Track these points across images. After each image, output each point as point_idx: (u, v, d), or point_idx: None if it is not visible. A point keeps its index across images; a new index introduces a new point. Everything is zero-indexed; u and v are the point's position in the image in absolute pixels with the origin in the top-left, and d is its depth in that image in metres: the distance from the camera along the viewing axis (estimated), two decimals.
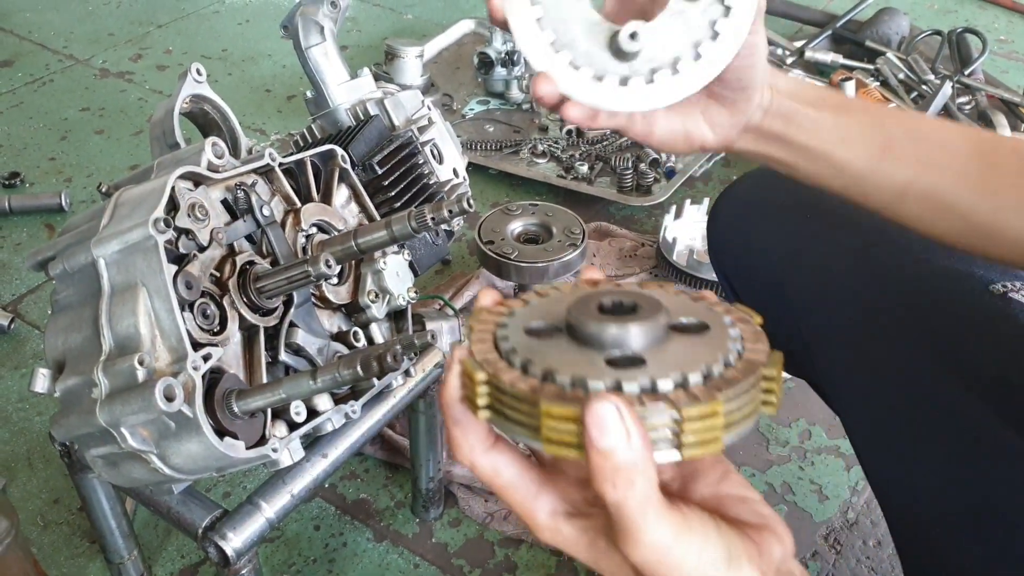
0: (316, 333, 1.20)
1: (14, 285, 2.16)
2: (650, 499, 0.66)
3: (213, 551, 1.18)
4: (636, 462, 0.64)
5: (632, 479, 0.64)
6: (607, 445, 0.64)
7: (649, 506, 0.66)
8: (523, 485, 0.74)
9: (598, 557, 0.72)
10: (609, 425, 0.64)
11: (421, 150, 1.57)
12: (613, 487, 0.64)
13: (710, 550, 0.69)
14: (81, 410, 1.04)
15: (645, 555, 0.66)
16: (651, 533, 0.66)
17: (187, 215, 1.06)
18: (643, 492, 0.65)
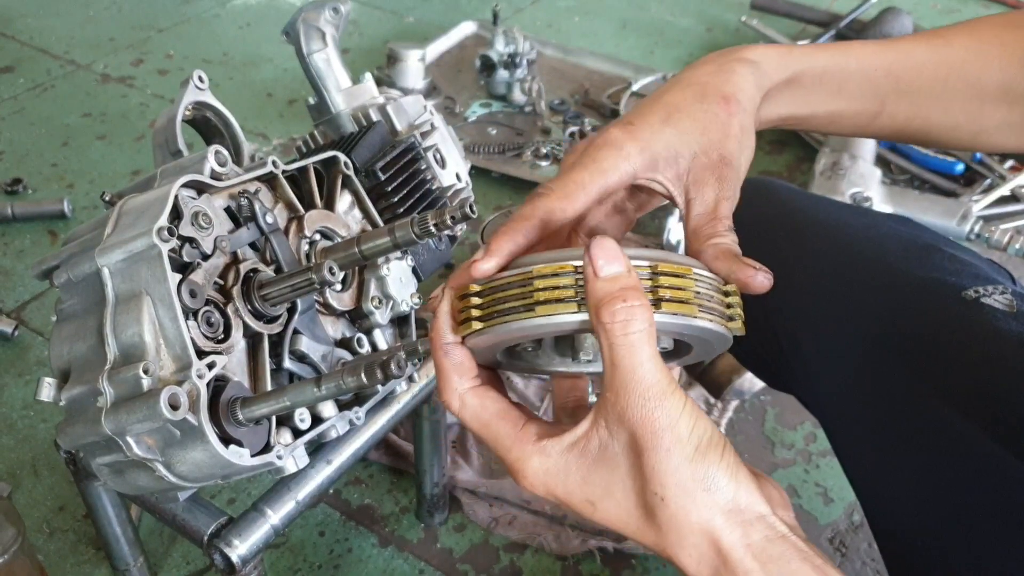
0: (320, 340, 1.20)
1: (18, 292, 2.16)
2: (649, 335, 0.69)
3: (218, 558, 1.18)
4: (635, 287, 0.69)
5: (634, 310, 0.68)
6: (610, 272, 0.69)
7: (648, 343, 0.69)
8: (510, 417, 0.77)
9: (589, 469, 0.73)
10: (612, 253, 0.70)
11: (424, 155, 1.57)
12: (621, 315, 0.68)
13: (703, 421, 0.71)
14: (86, 419, 1.04)
15: (643, 395, 0.69)
16: (648, 372, 0.69)
17: (191, 223, 1.06)
18: (644, 326, 0.69)
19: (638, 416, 0.69)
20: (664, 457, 0.69)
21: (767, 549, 0.69)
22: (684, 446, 0.69)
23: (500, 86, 2.78)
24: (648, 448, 0.69)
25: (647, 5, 3.47)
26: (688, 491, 0.69)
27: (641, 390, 0.69)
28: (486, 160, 2.52)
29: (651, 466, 0.69)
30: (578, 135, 2.60)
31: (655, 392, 0.69)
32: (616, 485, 0.72)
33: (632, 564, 1.60)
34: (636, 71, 2.88)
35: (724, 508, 0.69)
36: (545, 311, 0.72)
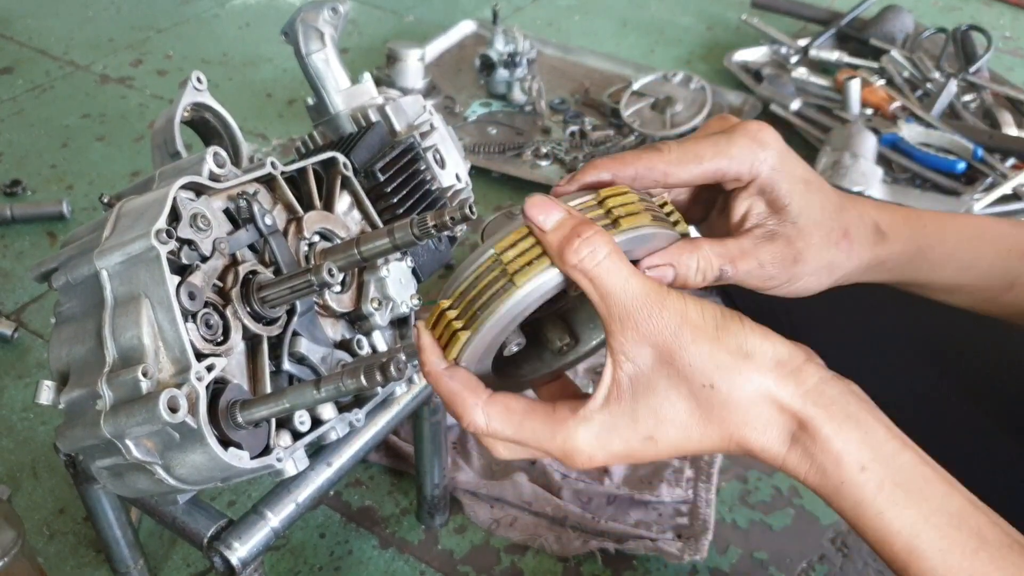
0: (319, 342, 1.20)
1: (17, 294, 2.15)
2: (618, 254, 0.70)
3: (218, 560, 1.18)
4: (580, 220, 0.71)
5: (592, 239, 0.70)
6: (553, 221, 0.72)
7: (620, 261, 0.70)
8: (539, 409, 0.75)
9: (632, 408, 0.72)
10: (547, 205, 0.73)
11: (423, 156, 1.56)
12: (584, 250, 0.69)
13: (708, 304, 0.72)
14: (85, 422, 1.04)
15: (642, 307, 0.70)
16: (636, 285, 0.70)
17: (189, 225, 1.06)
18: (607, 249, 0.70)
19: (649, 328, 0.69)
20: (694, 349, 0.69)
21: (824, 391, 0.70)
22: (705, 330, 0.69)
23: (500, 85, 2.77)
24: (675, 350, 0.69)
25: (647, 4, 3.47)
26: (730, 366, 0.69)
27: (638, 304, 0.69)
28: (486, 160, 2.51)
29: (686, 363, 0.69)
30: (578, 134, 2.60)
31: (652, 299, 0.70)
32: (663, 406, 0.71)
33: (633, 565, 1.59)
34: (636, 70, 2.88)
35: (770, 366, 0.70)
36: (524, 278, 0.72)
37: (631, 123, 2.59)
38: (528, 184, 2.44)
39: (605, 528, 1.60)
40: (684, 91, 2.71)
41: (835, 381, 0.71)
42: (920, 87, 2.71)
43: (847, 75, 2.70)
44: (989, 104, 2.66)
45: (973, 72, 2.72)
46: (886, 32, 2.93)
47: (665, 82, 2.76)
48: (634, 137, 2.56)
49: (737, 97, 2.75)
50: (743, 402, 0.69)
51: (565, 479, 1.68)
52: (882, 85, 2.68)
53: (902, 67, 2.77)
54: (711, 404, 0.70)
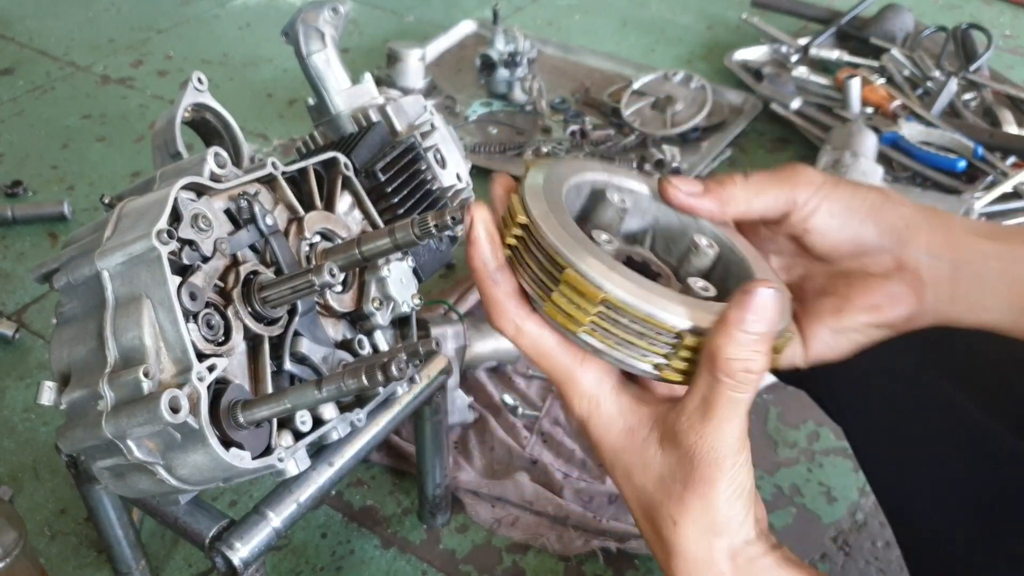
0: (321, 342, 1.20)
1: (18, 295, 2.16)
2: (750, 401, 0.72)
3: (220, 561, 1.18)
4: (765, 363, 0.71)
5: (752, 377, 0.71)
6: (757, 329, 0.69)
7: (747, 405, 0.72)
8: (568, 351, 0.74)
9: (625, 446, 0.74)
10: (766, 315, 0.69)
11: (424, 156, 1.57)
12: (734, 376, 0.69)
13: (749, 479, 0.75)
14: (87, 422, 1.04)
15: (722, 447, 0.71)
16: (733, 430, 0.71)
17: (190, 226, 1.06)
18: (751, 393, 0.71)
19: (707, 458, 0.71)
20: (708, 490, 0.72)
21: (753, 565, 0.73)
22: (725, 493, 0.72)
23: (500, 85, 2.77)
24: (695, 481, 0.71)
25: (647, 3, 3.47)
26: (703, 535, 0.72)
27: (723, 444, 0.71)
28: (487, 159, 2.51)
29: (681, 497, 0.72)
30: (579, 134, 2.60)
31: (733, 449, 0.71)
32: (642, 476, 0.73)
33: (635, 565, 1.59)
34: (637, 69, 2.88)
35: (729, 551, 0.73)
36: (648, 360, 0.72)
37: (631, 122, 2.59)
38: None
39: (607, 527, 1.60)
40: (684, 90, 2.71)
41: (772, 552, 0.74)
42: (920, 85, 2.71)
43: (847, 74, 2.71)
44: (989, 102, 2.66)
45: (973, 70, 2.72)
46: (886, 31, 2.93)
47: (665, 81, 2.76)
48: (634, 136, 2.56)
49: (737, 96, 2.75)
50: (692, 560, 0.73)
51: (567, 478, 1.68)
52: (882, 84, 2.68)
53: (902, 66, 2.77)
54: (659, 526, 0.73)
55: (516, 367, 1.91)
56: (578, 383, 0.75)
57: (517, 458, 1.72)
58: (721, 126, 2.64)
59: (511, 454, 1.73)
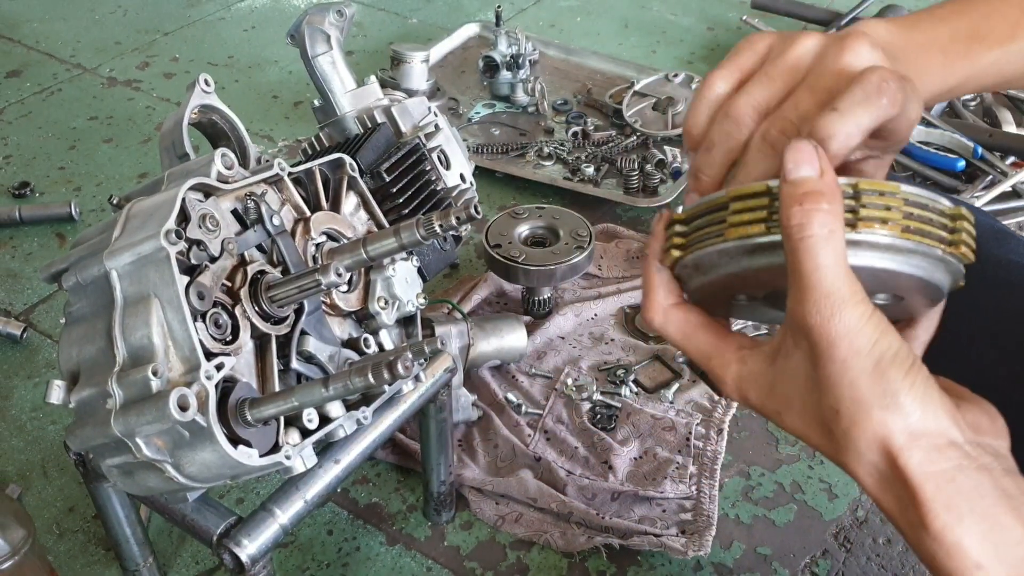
0: (327, 340, 1.21)
1: (26, 295, 2.17)
2: (830, 239, 0.66)
3: (228, 558, 1.19)
4: (826, 188, 0.66)
5: (811, 213, 0.66)
6: (801, 174, 0.67)
7: (828, 247, 0.66)
8: (713, 328, 0.78)
9: (776, 379, 0.73)
10: (805, 156, 0.67)
11: (428, 157, 1.58)
12: (800, 217, 0.66)
13: (890, 336, 0.68)
14: (96, 421, 1.05)
15: (819, 302, 0.66)
16: (825, 278, 0.66)
17: (198, 226, 1.07)
18: (829, 221, 0.66)
19: (815, 324, 0.67)
20: (839, 369, 0.67)
21: (957, 479, 0.65)
22: (862, 359, 0.66)
23: (503, 87, 2.79)
24: (824, 358, 0.67)
25: (649, 4, 3.48)
26: (863, 407, 0.67)
27: (816, 296, 0.67)
28: (490, 160, 2.53)
29: (826, 377, 0.68)
30: (581, 135, 2.61)
31: (834, 300, 0.66)
32: (796, 397, 0.71)
33: (638, 561, 1.61)
34: (638, 71, 2.89)
35: (905, 429, 0.66)
36: (735, 234, 0.71)
37: (633, 123, 2.60)
38: (531, 184, 2.46)
39: (610, 524, 1.61)
40: (686, 91, 2.72)
41: (977, 472, 0.66)
42: None
43: None
44: (989, 102, 2.66)
45: None
46: None
47: (667, 82, 2.77)
48: (636, 137, 2.58)
49: None
50: (861, 444, 0.67)
51: (570, 476, 1.70)
52: None
53: None
54: (831, 427, 0.69)
55: (519, 366, 1.93)
56: (724, 352, 0.76)
57: (521, 456, 1.74)
58: None
59: (515, 452, 1.74)
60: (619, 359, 1.95)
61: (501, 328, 1.86)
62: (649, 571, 1.60)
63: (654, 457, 1.74)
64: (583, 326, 2.04)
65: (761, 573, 1.59)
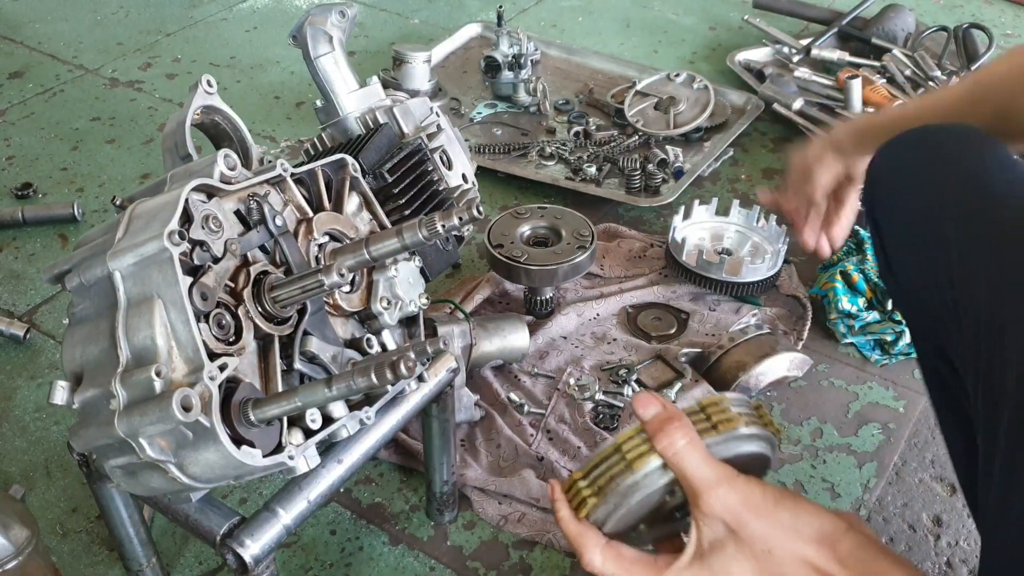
0: (330, 341, 1.22)
1: (29, 296, 2.18)
2: (694, 439, 0.89)
3: (231, 558, 1.19)
4: (673, 414, 0.90)
5: (673, 431, 0.88)
6: (650, 413, 0.91)
7: (693, 452, 0.88)
8: (645, 559, 0.94)
9: (708, 565, 0.89)
10: (646, 401, 0.92)
11: (430, 157, 1.58)
12: (664, 440, 0.89)
13: (768, 485, 0.90)
14: (99, 421, 1.05)
15: (710, 488, 0.87)
16: (704, 465, 0.87)
17: (201, 227, 1.08)
18: (686, 433, 0.89)
19: (719, 505, 0.87)
20: (755, 523, 0.87)
21: (856, 554, 0.86)
22: (764, 507, 0.87)
23: (505, 87, 2.79)
24: (740, 523, 0.87)
25: (650, 4, 3.48)
26: (782, 537, 0.86)
27: (707, 486, 0.87)
28: (492, 160, 2.53)
29: (749, 534, 0.87)
30: (583, 134, 2.61)
31: (718, 482, 0.87)
32: (732, 565, 0.88)
33: None
34: (640, 70, 2.89)
35: (813, 538, 0.87)
36: (638, 464, 0.91)
37: (635, 123, 2.60)
38: (533, 184, 2.46)
39: None
40: (687, 91, 2.72)
41: (868, 546, 0.87)
42: (922, 85, 2.72)
43: (849, 74, 2.72)
44: None
45: (974, 70, 2.73)
46: (888, 31, 2.94)
47: (668, 82, 2.77)
48: (637, 137, 2.58)
49: (740, 97, 2.76)
50: (791, 565, 0.86)
51: None
52: (884, 84, 2.70)
53: (904, 65, 2.78)
54: (769, 565, 0.87)
55: (522, 366, 1.93)
56: (662, 572, 0.91)
57: (523, 455, 1.74)
58: (724, 126, 2.65)
59: (517, 452, 1.75)
60: (621, 359, 1.95)
61: (503, 328, 1.87)
62: None
63: None
64: (585, 326, 2.04)
65: None
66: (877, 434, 1.82)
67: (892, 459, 1.77)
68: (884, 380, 1.92)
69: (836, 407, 1.87)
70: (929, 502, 1.69)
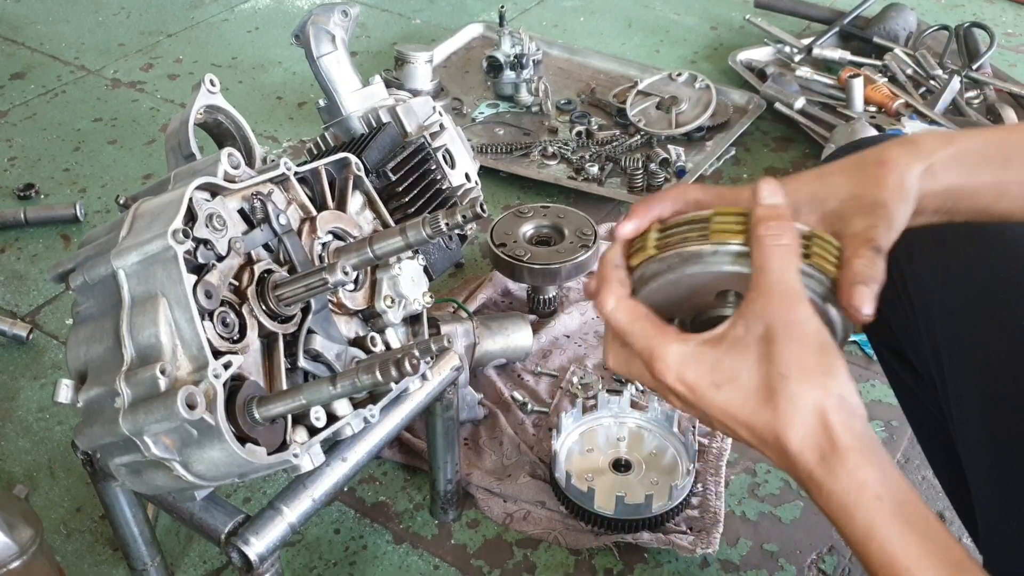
0: (334, 339, 1.22)
1: (32, 296, 2.18)
2: (794, 250, 0.84)
3: (236, 556, 1.20)
4: (789, 214, 0.85)
5: (784, 227, 0.84)
6: (773, 200, 0.86)
7: (793, 256, 0.84)
8: (656, 319, 0.89)
9: (720, 358, 0.85)
10: (774, 188, 0.87)
11: (433, 156, 1.59)
12: (771, 229, 0.84)
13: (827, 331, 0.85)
14: (104, 420, 1.06)
15: (784, 294, 0.83)
16: (786, 273, 0.83)
17: (205, 225, 1.08)
18: (791, 238, 0.84)
19: (778, 311, 0.82)
20: (796, 345, 0.82)
21: (864, 435, 0.82)
22: (812, 339, 0.82)
23: (507, 87, 2.79)
24: (782, 337, 0.82)
25: (652, 4, 3.48)
26: (810, 373, 0.81)
27: (783, 290, 0.83)
28: (494, 160, 2.53)
29: (781, 351, 0.82)
30: (585, 134, 2.62)
31: (795, 295, 0.83)
32: (742, 371, 0.83)
33: (645, 558, 1.61)
34: (642, 70, 2.89)
35: (837, 394, 0.82)
36: (716, 236, 0.87)
37: (637, 122, 2.61)
38: (536, 183, 2.46)
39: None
40: (689, 90, 2.72)
41: (871, 431, 0.83)
42: (923, 84, 2.72)
43: (850, 73, 2.72)
44: (992, 100, 2.67)
45: (976, 69, 2.73)
46: (889, 30, 2.94)
47: (670, 82, 2.77)
48: (639, 136, 2.58)
49: (742, 96, 2.76)
50: (800, 403, 0.81)
51: None
52: (885, 83, 2.69)
53: (905, 65, 2.78)
54: (777, 391, 0.82)
55: (525, 365, 1.93)
56: (666, 335, 0.87)
57: (526, 454, 1.74)
58: (725, 125, 2.65)
59: (520, 450, 1.75)
60: None
61: (507, 327, 1.87)
62: (656, 568, 1.60)
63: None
64: (588, 325, 2.04)
65: (768, 570, 1.60)
66: (880, 432, 1.82)
67: (895, 456, 1.77)
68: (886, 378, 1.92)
69: None
70: (932, 499, 1.69)
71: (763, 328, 0.82)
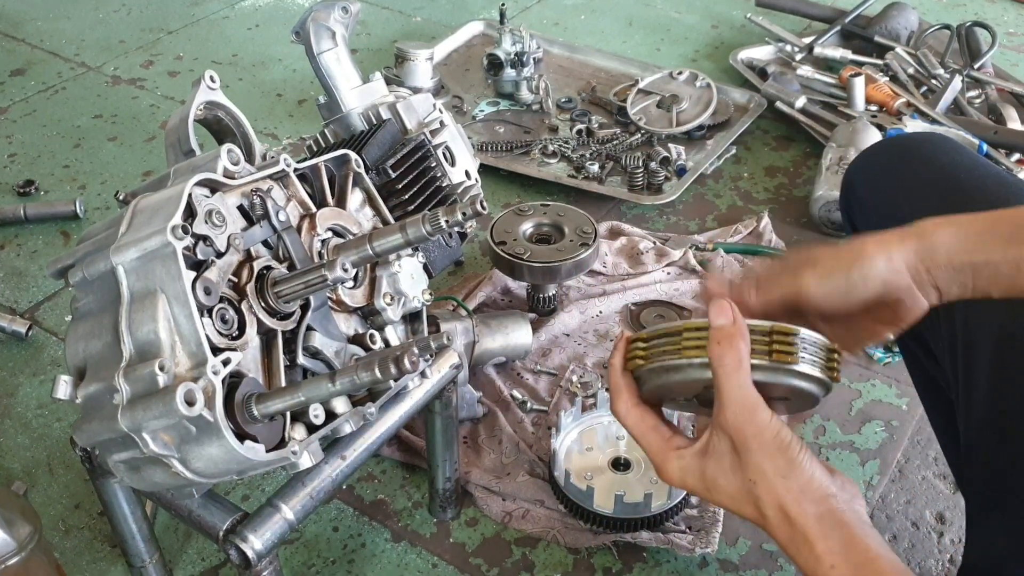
0: (333, 336, 1.21)
1: (31, 292, 2.18)
2: (743, 363, 0.93)
3: (234, 553, 1.19)
4: (736, 332, 0.94)
5: (729, 348, 0.93)
6: (720, 322, 0.95)
7: (742, 369, 0.93)
8: (662, 429, 1.03)
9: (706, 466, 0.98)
10: (721, 310, 0.96)
11: (433, 153, 1.58)
12: (717, 351, 0.94)
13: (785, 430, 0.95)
14: (103, 416, 1.05)
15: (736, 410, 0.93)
16: (740, 389, 0.93)
17: (204, 221, 1.07)
18: (738, 355, 0.93)
19: (739, 423, 0.93)
20: (757, 455, 0.94)
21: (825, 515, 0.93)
22: (771, 444, 0.93)
23: (507, 85, 2.79)
24: (744, 449, 0.94)
25: (653, 2, 3.48)
26: (770, 477, 0.93)
27: (739, 402, 0.93)
28: (494, 158, 2.53)
29: (747, 462, 0.94)
30: (585, 132, 2.61)
31: (750, 405, 0.93)
32: (723, 476, 0.97)
33: (644, 557, 1.61)
34: (642, 68, 2.89)
35: (796, 489, 0.93)
36: (688, 353, 0.98)
37: (637, 121, 2.60)
38: (536, 182, 2.46)
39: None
40: (690, 89, 2.72)
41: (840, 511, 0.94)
42: (925, 83, 2.72)
43: (851, 72, 2.71)
44: (994, 100, 2.66)
45: (978, 68, 2.73)
46: (890, 29, 2.94)
47: (671, 80, 2.77)
48: (640, 135, 2.58)
49: (743, 95, 2.76)
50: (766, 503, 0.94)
51: None
52: (887, 82, 2.69)
53: (907, 64, 2.78)
54: (750, 492, 0.95)
55: (524, 363, 1.93)
56: (668, 451, 1.01)
57: (525, 453, 1.74)
58: (726, 124, 2.65)
59: (519, 449, 1.74)
60: None
61: (506, 325, 1.87)
62: (655, 567, 1.60)
63: None
64: (588, 323, 2.04)
65: (767, 570, 1.59)
66: (880, 432, 1.82)
67: (895, 456, 1.77)
68: (887, 378, 1.91)
69: (839, 404, 1.87)
70: (932, 499, 1.69)
71: (729, 441, 0.95)
